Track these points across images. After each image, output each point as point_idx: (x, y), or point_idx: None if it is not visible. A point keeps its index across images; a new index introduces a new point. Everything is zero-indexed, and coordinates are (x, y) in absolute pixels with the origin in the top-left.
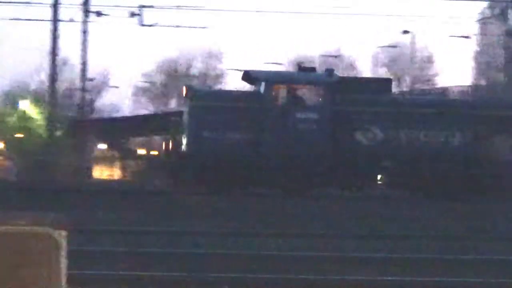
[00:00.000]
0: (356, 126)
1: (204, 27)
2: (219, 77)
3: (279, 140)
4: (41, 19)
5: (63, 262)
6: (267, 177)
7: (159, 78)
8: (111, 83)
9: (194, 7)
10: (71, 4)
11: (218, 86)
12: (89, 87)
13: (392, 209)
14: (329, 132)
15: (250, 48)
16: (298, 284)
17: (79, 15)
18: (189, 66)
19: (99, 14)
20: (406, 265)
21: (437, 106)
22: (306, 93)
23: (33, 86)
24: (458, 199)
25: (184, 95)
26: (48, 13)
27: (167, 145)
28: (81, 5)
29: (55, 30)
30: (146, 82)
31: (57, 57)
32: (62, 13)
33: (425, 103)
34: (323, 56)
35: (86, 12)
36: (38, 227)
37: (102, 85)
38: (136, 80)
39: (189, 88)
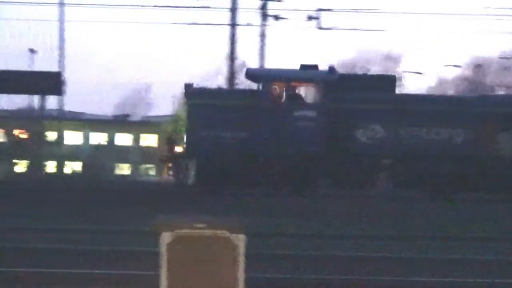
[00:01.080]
0: (356, 124)
1: (381, 30)
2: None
3: (277, 139)
4: (220, 23)
5: (241, 266)
6: (265, 176)
7: None
8: None
9: (372, 10)
10: (249, 8)
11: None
12: None
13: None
14: (327, 130)
15: (428, 51)
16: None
17: (256, 19)
18: (366, 69)
19: (277, 18)
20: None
21: (439, 103)
22: (304, 90)
23: None
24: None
25: (183, 94)
26: (226, 17)
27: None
28: (259, 9)
29: (233, 34)
30: None
31: (235, 61)
32: (240, 17)
33: (427, 101)
34: (501, 58)
35: (264, 16)
36: (218, 231)
37: None
38: None
39: (186, 87)
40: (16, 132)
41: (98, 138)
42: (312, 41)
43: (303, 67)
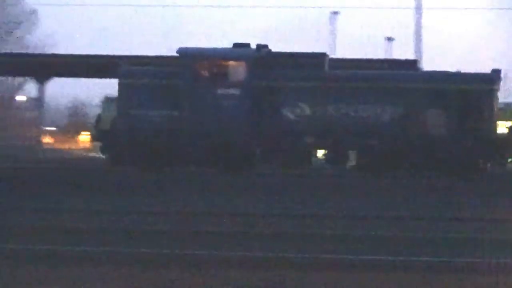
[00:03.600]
0: (282, 102)
1: None
2: None
3: (202, 117)
4: None
5: None
6: (192, 155)
7: None
8: None
9: None
10: None
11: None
12: None
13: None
14: (252, 108)
15: None
16: None
17: None
18: None
19: None
20: None
21: (368, 80)
22: (228, 69)
23: None
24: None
25: (115, 74)
26: None
27: (97, 122)
28: None
29: None
30: None
31: None
32: None
33: (356, 78)
34: None
35: None
36: None
37: None
38: None
39: (118, 67)
40: None
41: None
42: None
43: (236, 45)
